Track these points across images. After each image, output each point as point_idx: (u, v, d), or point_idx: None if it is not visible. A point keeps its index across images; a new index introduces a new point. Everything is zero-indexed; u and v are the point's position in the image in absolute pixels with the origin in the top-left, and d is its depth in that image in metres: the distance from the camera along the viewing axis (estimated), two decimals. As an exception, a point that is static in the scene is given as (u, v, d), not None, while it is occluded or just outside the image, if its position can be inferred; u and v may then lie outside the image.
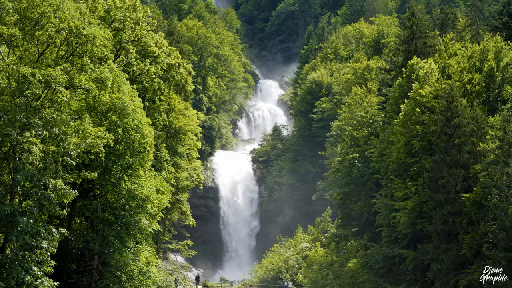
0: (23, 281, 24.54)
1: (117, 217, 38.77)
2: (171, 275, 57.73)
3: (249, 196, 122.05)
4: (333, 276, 67.95)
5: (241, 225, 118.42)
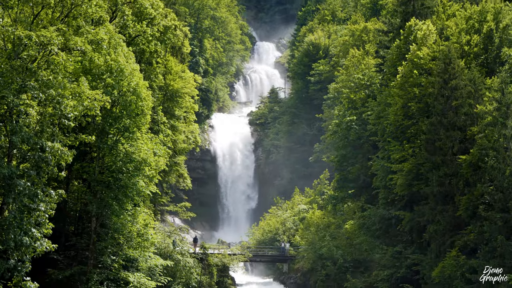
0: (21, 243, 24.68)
1: (115, 179, 38.84)
2: (169, 237, 57.97)
3: (246, 159, 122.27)
4: (330, 238, 68.42)
5: (238, 188, 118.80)
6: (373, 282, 60.46)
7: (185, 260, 54.92)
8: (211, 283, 64.05)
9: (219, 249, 73.25)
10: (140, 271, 43.08)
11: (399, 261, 56.70)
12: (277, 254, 79.60)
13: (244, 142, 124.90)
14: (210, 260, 64.80)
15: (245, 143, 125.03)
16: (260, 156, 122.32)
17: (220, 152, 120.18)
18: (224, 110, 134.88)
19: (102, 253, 39.43)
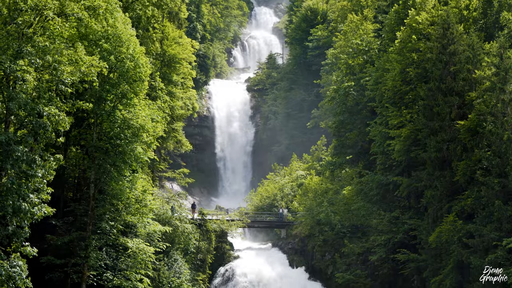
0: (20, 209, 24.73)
1: (113, 146, 38.85)
2: (167, 203, 58.21)
3: (244, 125, 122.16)
4: (328, 204, 68.67)
5: (236, 154, 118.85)
6: (370, 247, 60.89)
7: (183, 226, 55.18)
8: (210, 248, 64.48)
9: (217, 215, 73.58)
10: (138, 237, 43.32)
11: (396, 227, 57.04)
12: (275, 220, 79.95)
13: (242, 109, 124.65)
14: (208, 226, 65.13)
15: (243, 110, 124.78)
16: (258, 122, 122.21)
17: (218, 118, 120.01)
18: (221, 76, 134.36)
19: (100, 219, 39.60)
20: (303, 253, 70.50)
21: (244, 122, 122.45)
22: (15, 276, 24.94)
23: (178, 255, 52.52)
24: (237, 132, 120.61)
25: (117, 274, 40.21)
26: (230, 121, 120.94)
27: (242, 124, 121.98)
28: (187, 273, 52.24)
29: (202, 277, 61.49)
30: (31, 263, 28.77)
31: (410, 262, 53.91)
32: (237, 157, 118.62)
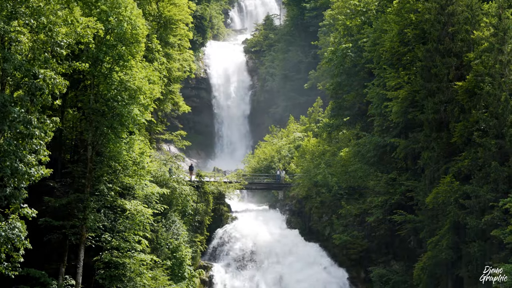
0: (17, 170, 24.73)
1: (110, 108, 38.72)
2: (165, 165, 58.23)
3: (241, 87, 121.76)
4: (325, 165, 68.81)
5: (233, 116, 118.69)
6: (367, 209, 61.23)
7: (181, 188, 55.31)
8: (207, 210, 64.76)
9: (214, 177, 73.76)
10: (136, 199, 43.42)
11: (393, 188, 57.26)
12: (273, 182, 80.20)
13: (239, 70, 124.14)
14: (206, 188, 65.32)
15: (240, 71, 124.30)
16: (255, 84, 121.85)
17: (215, 80, 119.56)
18: (218, 38, 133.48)
19: (98, 181, 39.65)
20: (300, 215, 70.88)
21: (241, 84, 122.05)
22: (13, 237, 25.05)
23: (176, 217, 52.75)
24: (235, 94, 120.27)
25: (115, 235, 40.41)
26: (227, 83, 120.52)
27: (239, 86, 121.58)
28: (185, 234, 52.52)
29: (200, 238, 61.87)
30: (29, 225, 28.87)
31: (406, 223, 54.25)
32: (235, 119, 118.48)
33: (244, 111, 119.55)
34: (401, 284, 55.04)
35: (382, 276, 56.61)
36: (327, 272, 61.08)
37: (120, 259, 39.40)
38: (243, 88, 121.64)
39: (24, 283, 34.94)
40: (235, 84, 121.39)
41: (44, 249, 37.34)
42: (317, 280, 60.00)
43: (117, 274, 39.56)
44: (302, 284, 59.58)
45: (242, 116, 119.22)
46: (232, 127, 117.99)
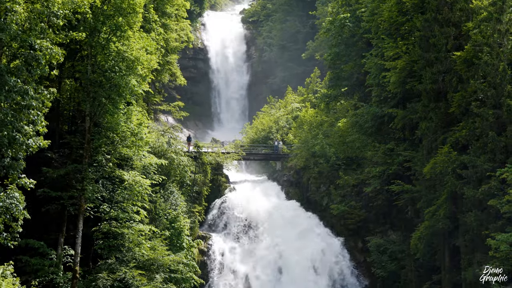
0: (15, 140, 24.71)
1: (107, 79, 38.61)
2: (163, 136, 58.26)
3: (239, 57, 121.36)
4: (323, 136, 68.87)
5: (231, 87, 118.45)
6: (365, 179, 61.42)
7: (179, 159, 55.37)
8: (205, 181, 64.92)
9: (212, 147, 73.84)
10: (134, 170, 43.50)
11: (391, 158, 57.35)
12: (271, 153, 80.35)
13: (236, 41, 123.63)
14: (204, 159, 65.40)
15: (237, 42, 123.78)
16: (253, 55, 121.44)
17: (212, 50, 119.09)
18: (216, 8, 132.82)
19: (96, 152, 39.66)
20: (298, 185, 71.08)
21: (239, 55, 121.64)
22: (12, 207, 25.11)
23: (174, 188, 52.89)
24: (232, 65, 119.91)
25: (114, 206, 40.55)
26: (224, 54, 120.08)
27: (236, 56, 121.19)
28: (183, 205, 52.70)
29: (198, 209, 62.11)
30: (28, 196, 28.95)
31: (404, 193, 54.43)
32: (232, 90, 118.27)
33: (242, 82, 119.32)
34: (398, 254, 55.41)
35: (379, 245, 56.97)
36: (324, 242, 61.41)
37: (119, 230, 39.58)
38: (241, 58, 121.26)
39: (23, 254, 35.16)
40: (233, 55, 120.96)
41: (43, 219, 37.48)
42: (314, 250, 60.35)
43: (115, 244, 39.78)
44: (300, 254, 59.94)
45: (240, 87, 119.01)
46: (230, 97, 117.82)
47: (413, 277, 53.11)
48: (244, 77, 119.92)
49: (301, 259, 59.55)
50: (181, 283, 44.67)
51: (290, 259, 59.41)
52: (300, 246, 60.75)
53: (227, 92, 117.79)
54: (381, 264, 55.83)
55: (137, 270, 38.24)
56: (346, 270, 59.20)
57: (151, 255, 40.09)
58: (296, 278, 57.84)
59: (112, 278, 37.01)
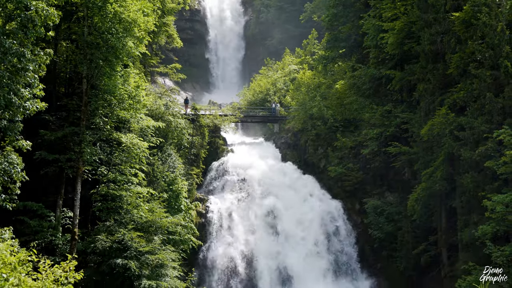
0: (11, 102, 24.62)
1: (104, 41, 38.31)
2: (160, 98, 58.08)
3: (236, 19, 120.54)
4: (321, 98, 68.78)
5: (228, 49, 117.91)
6: (362, 141, 61.51)
7: (176, 121, 55.29)
8: (203, 143, 64.95)
9: (210, 110, 73.74)
10: (132, 132, 43.44)
11: (388, 120, 57.40)
12: (268, 115, 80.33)
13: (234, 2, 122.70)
14: (201, 121, 65.36)
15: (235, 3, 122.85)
16: (250, 16, 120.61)
17: (209, 12, 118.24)
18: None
19: (94, 114, 39.55)
20: (295, 148, 71.19)
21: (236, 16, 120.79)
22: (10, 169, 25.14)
23: (172, 150, 52.90)
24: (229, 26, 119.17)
25: (112, 168, 40.60)
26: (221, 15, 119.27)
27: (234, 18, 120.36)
28: (181, 167, 52.79)
29: (196, 171, 62.27)
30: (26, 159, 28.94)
31: (401, 155, 54.57)
32: (230, 52, 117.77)
33: (239, 44, 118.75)
34: (395, 215, 55.78)
35: (376, 207, 57.32)
36: (322, 203, 61.74)
37: (117, 192, 39.68)
38: (238, 20, 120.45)
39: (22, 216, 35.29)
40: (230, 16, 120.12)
41: (41, 182, 37.55)
42: (312, 212, 60.70)
43: (114, 206, 39.92)
44: (297, 215, 60.30)
45: (237, 49, 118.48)
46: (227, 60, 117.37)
47: (409, 238, 53.53)
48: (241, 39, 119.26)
49: (299, 221, 59.92)
50: (180, 245, 44.97)
51: (288, 220, 59.75)
52: (297, 208, 61.09)
53: (224, 54, 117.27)
54: (378, 226, 56.22)
55: (135, 232, 38.42)
56: (343, 232, 59.60)
57: (149, 217, 40.25)
58: (293, 239, 58.26)
59: (110, 239, 37.22)
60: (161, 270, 38.01)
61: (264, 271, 55.98)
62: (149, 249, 37.38)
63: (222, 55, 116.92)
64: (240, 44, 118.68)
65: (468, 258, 43.02)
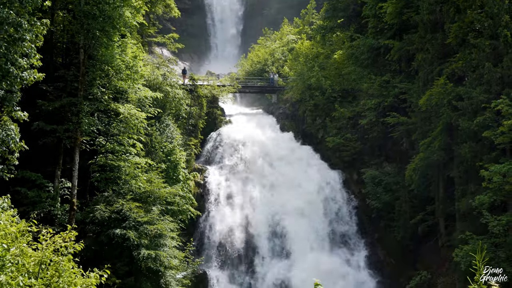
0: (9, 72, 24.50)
1: (101, 10, 38.02)
2: (158, 69, 57.86)
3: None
4: (319, 68, 68.58)
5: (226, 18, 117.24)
6: (360, 111, 61.49)
7: (174, 92, 55.15)
8: (201, 114, 64.88)
9: (208, 80, 73.52)
10: (130, 103, 43.34)
11: (386, 90, 57.32)
12: (266, 85, 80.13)
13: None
14: (199, 92, 65.21)
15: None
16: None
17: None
18: None
19: (91, 85, 39.42)
20: (293, 118, 71.16)
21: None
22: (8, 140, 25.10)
23: (170, 121, 52.85)
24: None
25: (110, 139, 40.58)
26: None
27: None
28: (179, 138, 52.77)
29: (194, 142, 62.29)
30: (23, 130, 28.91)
31: (399, 125, 54.59)
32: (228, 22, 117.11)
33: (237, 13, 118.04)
34: (393, 185, 55.96)
35: (374, 177, 57.46)
36: (320, 173, 61.88)
37: (115, 162, 39.71)
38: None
39: (21, 186, 35.33)
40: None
41: (39, 153, 37.53)
42: (309, 181, 60.86)
43: (112, 176, 39.98)
44: (295, 185, 60.47)
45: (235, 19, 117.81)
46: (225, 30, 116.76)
47: (407, 208, 53.78)
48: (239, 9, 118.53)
49: (296, 190, 60.11)
50: (178, 215, 45.14)
51: (285, 190, 59.94)
52: (295, 178, 61.24)
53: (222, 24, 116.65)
54: (376, 196, 56.43)
55: (134, 202, 38.51)
56: (341, 201, 59.82)
57: (147, 188, 40.33)
58: (291, 209, 58.48)
59: (109, 210, 37.32)
60: (160, 240, 38.17)
61: (263, 240, 56.28)
62: (147, 219, 37.51)
63: (220, 25, 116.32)
64: (238, 13, 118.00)
65: (465, 228, 43.26)
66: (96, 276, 14.56)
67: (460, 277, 42.40)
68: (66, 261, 14.67)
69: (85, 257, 33.74)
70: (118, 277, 34.85)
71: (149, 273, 37.39)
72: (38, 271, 14.20)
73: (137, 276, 37.05)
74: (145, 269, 37.02)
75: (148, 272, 37.30)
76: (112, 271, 32.42)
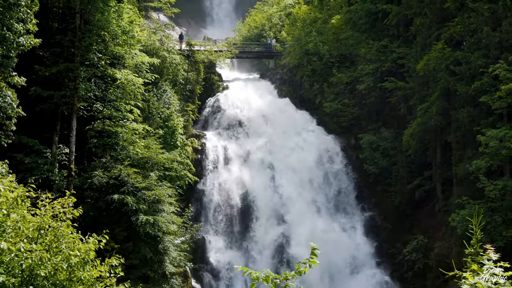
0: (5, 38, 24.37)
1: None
2: (155, 34, 57.47)
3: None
4: (316, 33, 68.20)
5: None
6: (358, 76, 61.32)
7: (171, 57, 54.88)
8: (198, 79, 64.65)
9: (205, 45, 73.10)
10: (127, 68, 43.16)
11: (384, 55, 57.14)
12: (264, 51, 79.75)
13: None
14: (196, 57, 64.89)
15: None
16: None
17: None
18: None
19: (88, 50, 39.21)
20: (291, 83, 70.94)
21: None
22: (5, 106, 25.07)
23: (167, 86, 52.67)
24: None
25: (107, 105, 40.51)
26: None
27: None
28: (176, 104, 52.65)
29: (191, 107, 62.16)
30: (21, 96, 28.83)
31: (397, 90, 54.52)
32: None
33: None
34: (390, 150, 56.05)
35: (372, 142, 57.53)
36: (317, 139, 61.92)
37: (112, 128, 39.70)
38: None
39: (18, 152, 35.35)
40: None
41: (37, 119, 37.51)
42: (307, 146, 60.93)
43: (109, 142, 40.01)
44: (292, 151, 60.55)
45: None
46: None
47: (404, 173, 53.96)
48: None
49: (294, 156, 60.21)
50: (176, 181, 45.27)
51: (283, 156, 60.04)
52: (293, 143, 61.31)
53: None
54: (373, 161, 56.57)
55: (131, 168, 38.59)
56: (338, 167, 59.96)
57: (145, 153, 40.38)
58: (289, 174, 58.64)
59: (107, 175, 37.42)
60: (158, 206, 38.34)
61: (260, 204, 56.52)
62: (145, 185, 37.62)
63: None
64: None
65: (462, 192, 43.50)
66: (94, 242, 14.63)
67: (456, 241, 42.74)
68: (64, 226, 14.73)
69: (83, 222, 33.91)
70: (116, 242, 35.07)
71: (148, 238, 37.63)
72: (37, 237, 14.27)
73: (135, 242, 37.28)
74: (144, 235, 37.23)
75: (147, 237, 37.53)
76: (111, 237, 32.58)
